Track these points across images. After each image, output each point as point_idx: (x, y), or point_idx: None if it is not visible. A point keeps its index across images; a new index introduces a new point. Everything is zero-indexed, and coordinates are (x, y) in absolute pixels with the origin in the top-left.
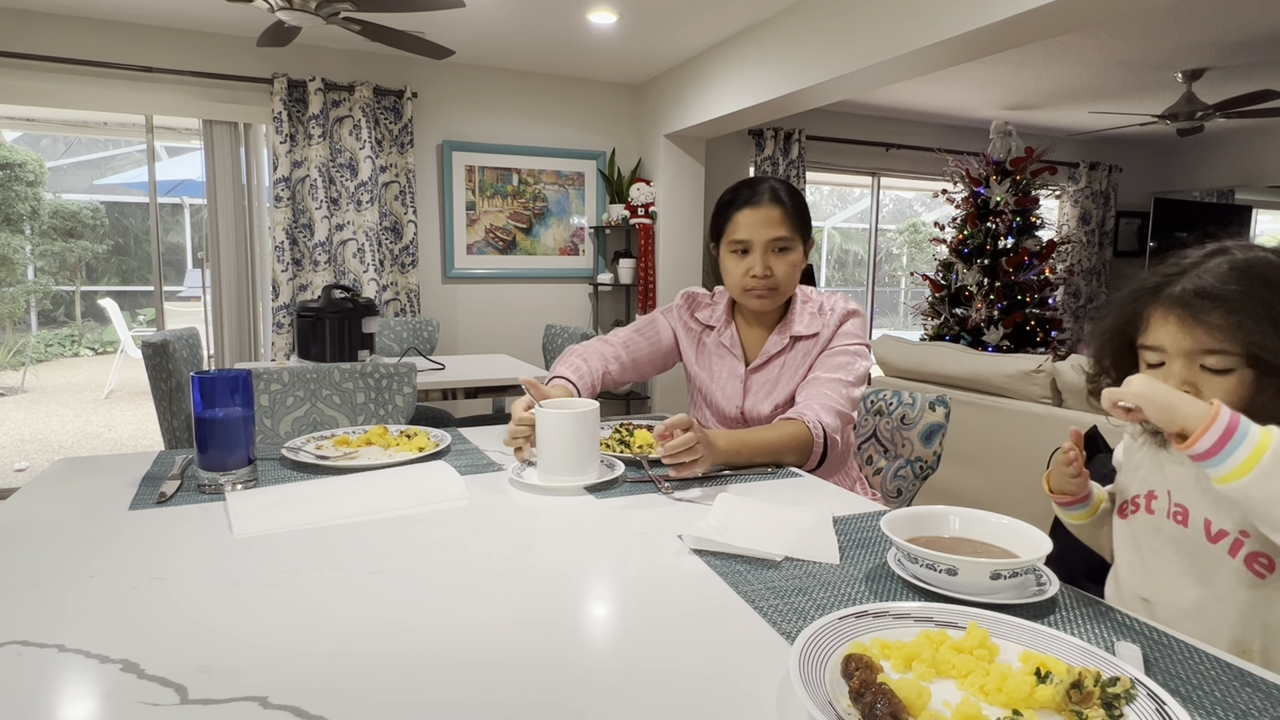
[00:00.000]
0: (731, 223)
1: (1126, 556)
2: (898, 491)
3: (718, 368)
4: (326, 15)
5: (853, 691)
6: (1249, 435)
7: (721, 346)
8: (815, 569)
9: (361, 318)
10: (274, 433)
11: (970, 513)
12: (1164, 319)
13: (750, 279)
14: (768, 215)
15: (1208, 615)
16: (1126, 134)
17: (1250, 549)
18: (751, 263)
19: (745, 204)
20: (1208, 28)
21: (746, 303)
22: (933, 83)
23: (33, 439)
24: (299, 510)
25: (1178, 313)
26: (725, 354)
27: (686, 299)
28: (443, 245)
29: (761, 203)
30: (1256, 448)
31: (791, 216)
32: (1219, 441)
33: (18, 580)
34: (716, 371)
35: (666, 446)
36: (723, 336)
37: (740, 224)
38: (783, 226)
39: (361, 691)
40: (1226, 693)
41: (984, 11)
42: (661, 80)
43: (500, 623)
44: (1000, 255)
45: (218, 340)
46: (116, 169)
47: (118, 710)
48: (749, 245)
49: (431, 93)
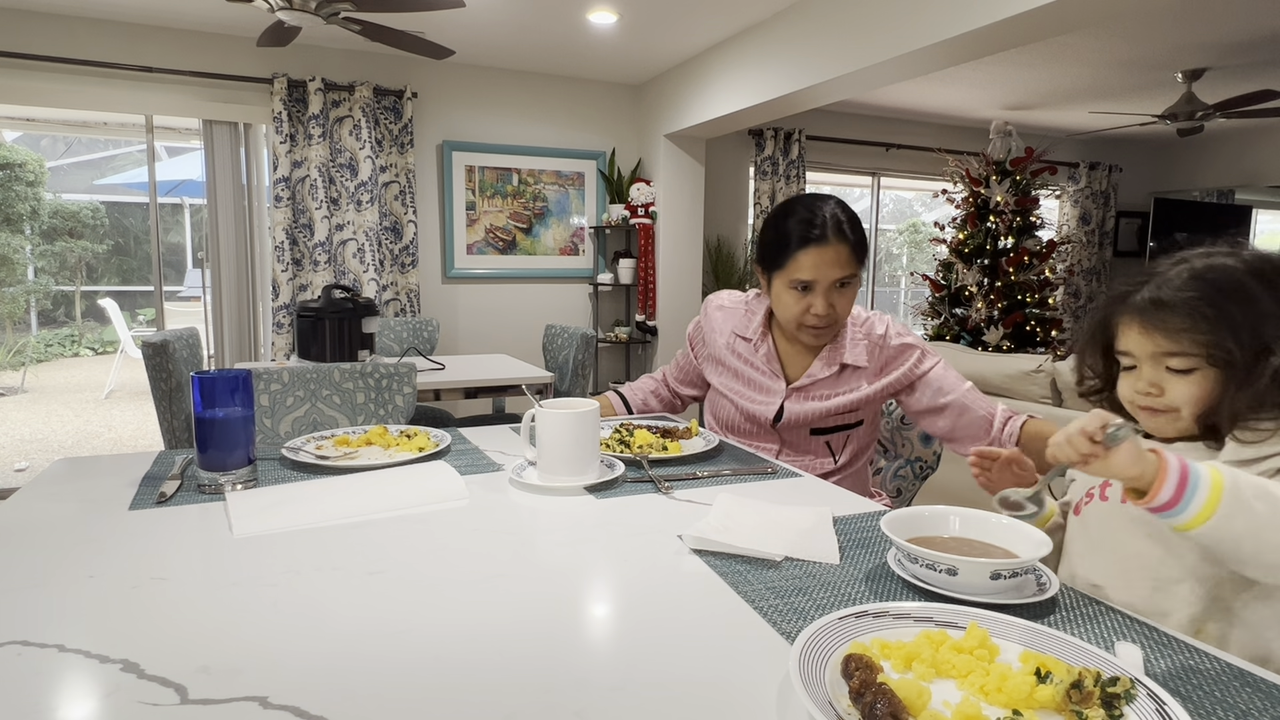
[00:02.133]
0: (794, 261)
1: (1078, 546)
2: (898, 491)
3: (756, 382)
4: (326, 15)
5: (853, 691)
6: (1202, 478)
7: (758, 360)
8: (815, 569)
9: (361, 318)
10: (274, 433)
11: (970, 513)
12: (1129, 326)
13: (811, 316)
14: (836, 255)
15: (1162, 597)
16: (1126, 134)
17: None
18: (813, 300)
19: (810, 243)
20: (1208, 28)
21: (802, 337)
22: (933, 83)
23: (33, 439)
24: (299, 510)
25: (1139, 320)
26: (765, 368)
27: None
28: (443, 245)
29: (828, 241)
30: (1213, 489)
31: (855, 249)
32: (1176, 490)
33: (18, 580)
34: (755, 385)
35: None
36: (759, 351)
37: (804, 264)
38: (850, 265)
39: (361, 691)
40: (1226, 693)
41: (984, 11)
42: (661, 80)
43: (500, 623)
44: (1000, 255)
45: (218, 340)
46: (116, 169)
47: (118, 710)
48: (813, 285)
49: (431, 93)
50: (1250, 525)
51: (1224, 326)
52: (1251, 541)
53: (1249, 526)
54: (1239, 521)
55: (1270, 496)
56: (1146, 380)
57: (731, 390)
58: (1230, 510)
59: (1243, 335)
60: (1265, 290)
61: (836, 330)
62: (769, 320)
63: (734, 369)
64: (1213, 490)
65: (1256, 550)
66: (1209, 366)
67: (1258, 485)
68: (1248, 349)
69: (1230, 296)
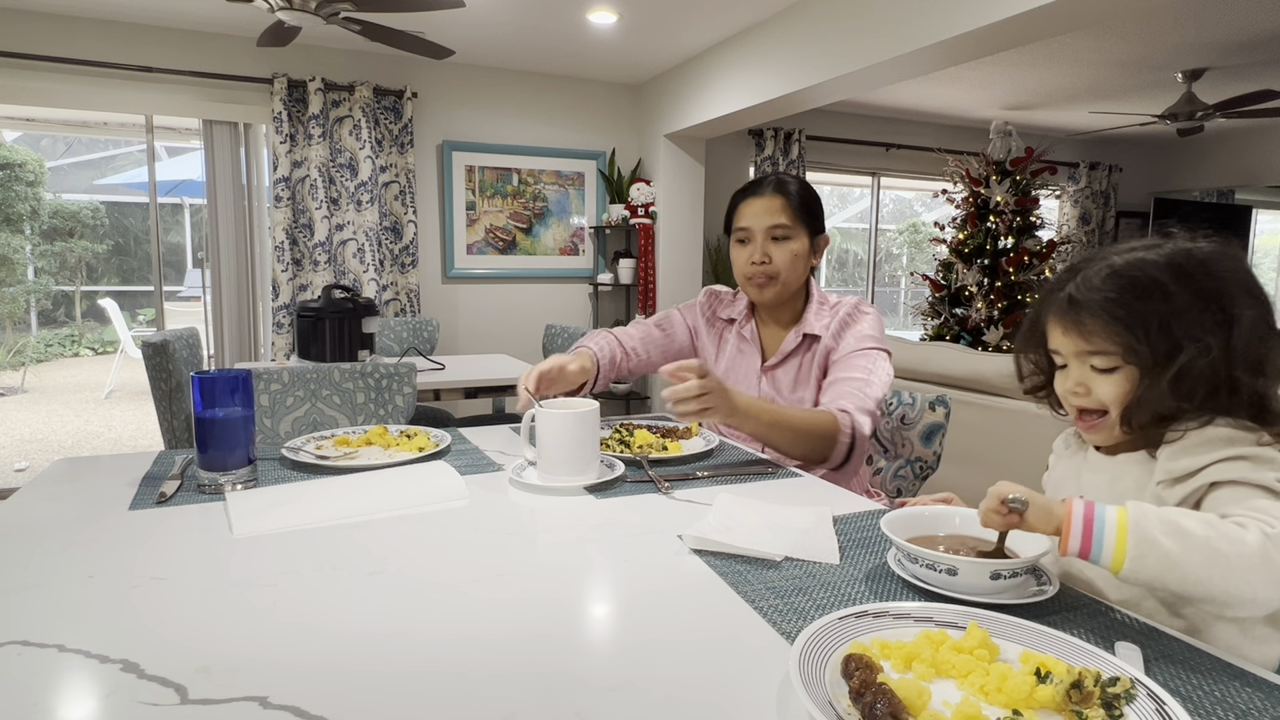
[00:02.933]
0: (736, 213)
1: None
2: (898, 491)
3: (736, 363)
4: (326, 15)
5: (853, 691)
6: (1107, 520)
7: (742, 339)
8: (815, 569)
9: (361, 318)
10: (274, 433)
11: (970, 513)
12: (1054, 325)
13: (750, 266)
14: (768, 204)
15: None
16: (1126, 134)
17: None
18: (751, 250)
19: (749, 194)
20: (1208, 28)
21: (749, 293)
22: (933, 83)
23: (33, 439)
24: (299, 510)
25: (1061, 320)
26: (745, 349)
27: (710, 296)
28: (443, 245)
29: (764, 192)
30: (1118, 530)
31: (794, 206)
32: (1084, 536)
33: (18, 580)
34: (735, 367)
35: (673, 390)
36: (743, 330)
37: (743, 214)
38: (782, 214)
39: (361, 692)
40: (1226, 693)
41: (984, 11)
42: (661, 80)
43: (500, 622)
44: (1000, 255)
45: (218, 340)
46: (116, 169)
47: (118, 710)
48: (750, 234)
49: (431, 93)
50: (1163, 563)
51: (1137, 326)
52: (1173, 577)
53: (1162, 565)
54: (1151, 561)
55: (1180, 532)
56: (1074, 379)
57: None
58: (1139, 551)
59: (1153, 334)
60: (1182, 287)
61: (781, 290)
62: (751, 305)
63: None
64: (1119, 532)
65: (1181, 585)
66: (1127, 365)
67: (1167, 521)
68: (1160, 348)
69: (1143, 295)
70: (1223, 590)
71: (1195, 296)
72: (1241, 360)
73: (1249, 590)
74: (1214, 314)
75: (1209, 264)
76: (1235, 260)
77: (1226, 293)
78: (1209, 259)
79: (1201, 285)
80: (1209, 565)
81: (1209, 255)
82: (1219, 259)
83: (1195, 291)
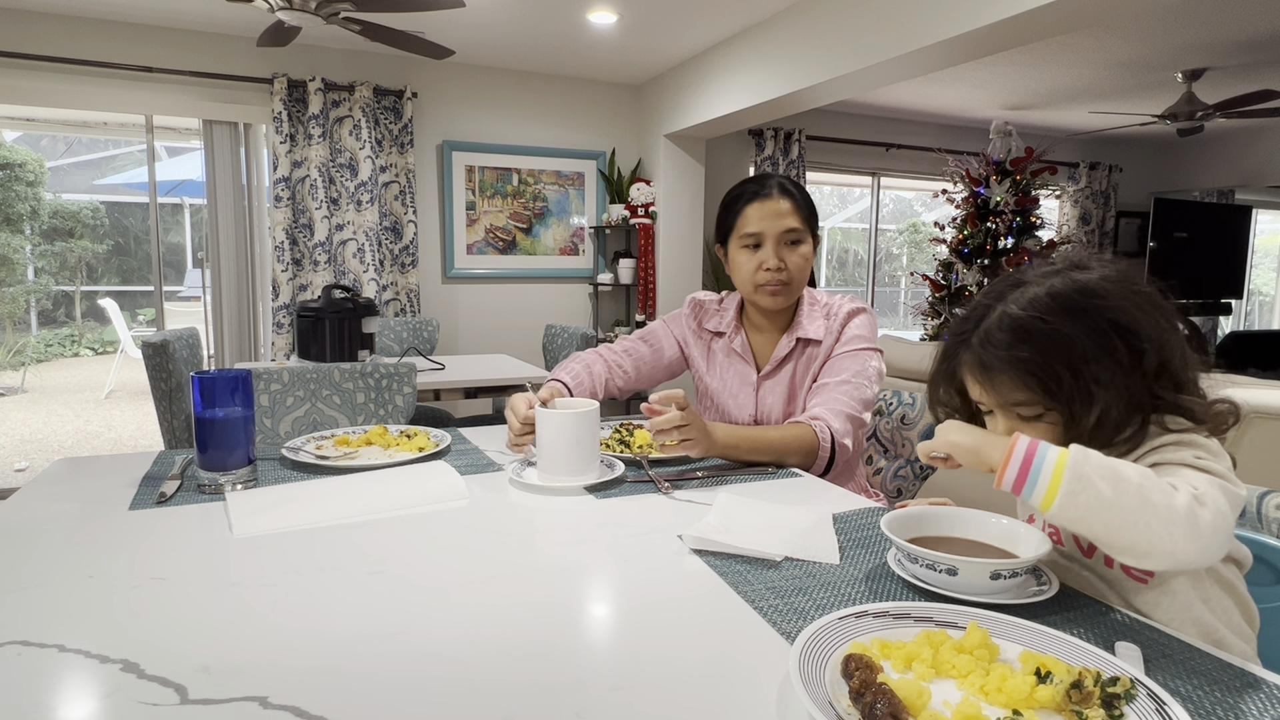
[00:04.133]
0: (741, 217)
1: None
2: (898, 491)
3: (729, 375)
4: (326, 15)
5: (853, 691)
6: (1046, 459)
7: (733, 353)
8: (815, 569)
9: (361, 318)
10: (274, 433)
11: (970, 513)
12: (969, 378)
13: (764, 273)
14: (778, 207)
15: None
16: (1126, 134)
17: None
18: (764, 256)
19: (754, 197)
20: (1208, 28)
21: (760, 300)
22: (933, 83)
23: (33, 439)
24: (299, 510)
25: (974, 375)
26: (736, 361)
27: (694, 307)
28: (443, 245)
29: (771, 195)
30: (1055, 469)
31: (801, 208)
32: (1020, 472)
33: (18, 580)
34: (728, 380)
35: (653, 422)
36: (733, 343)
37: (751, 217)
38: (794, 218)
39: (361, 691)
40: (1226, 693)
41: (984, 11)
42: (661, 80)
43: (500, 622)
44: (1000, 255)
45: (218, 340)
46: (116, 169)
47: (118, 710)
48: (761, 238)
49: (431, 93)
50: (1094, 504)
51: (1049, 379)
52: (1099, 519)
53: (1093, 505)
54: (1082, 500)
55: (1119, 478)
56: (1004, 428)
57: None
58: (1073, 488)
59: (1065, 383)
60: (1077, 328)
61: (793, 294)
62: (740, 313)
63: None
64: (1056, 471)
65: (1105, 530)
66: (1050, 410)
67: (1107, 465)
68: (1075, 396)
69: (1046, 349)
70: (1145, 538)
71: (1094, 335)
72: (1158, 383)
73: (1169, 542)
74: (1115, 348)
75: (1101, 293)
76: (1127, 279)
77: (1123, 321)
78: (1100, 288)
79: (1096, 321)
80: (1138, 511)
81: (1100, 284)
82: (1109, 287)
83: (1092, 330)
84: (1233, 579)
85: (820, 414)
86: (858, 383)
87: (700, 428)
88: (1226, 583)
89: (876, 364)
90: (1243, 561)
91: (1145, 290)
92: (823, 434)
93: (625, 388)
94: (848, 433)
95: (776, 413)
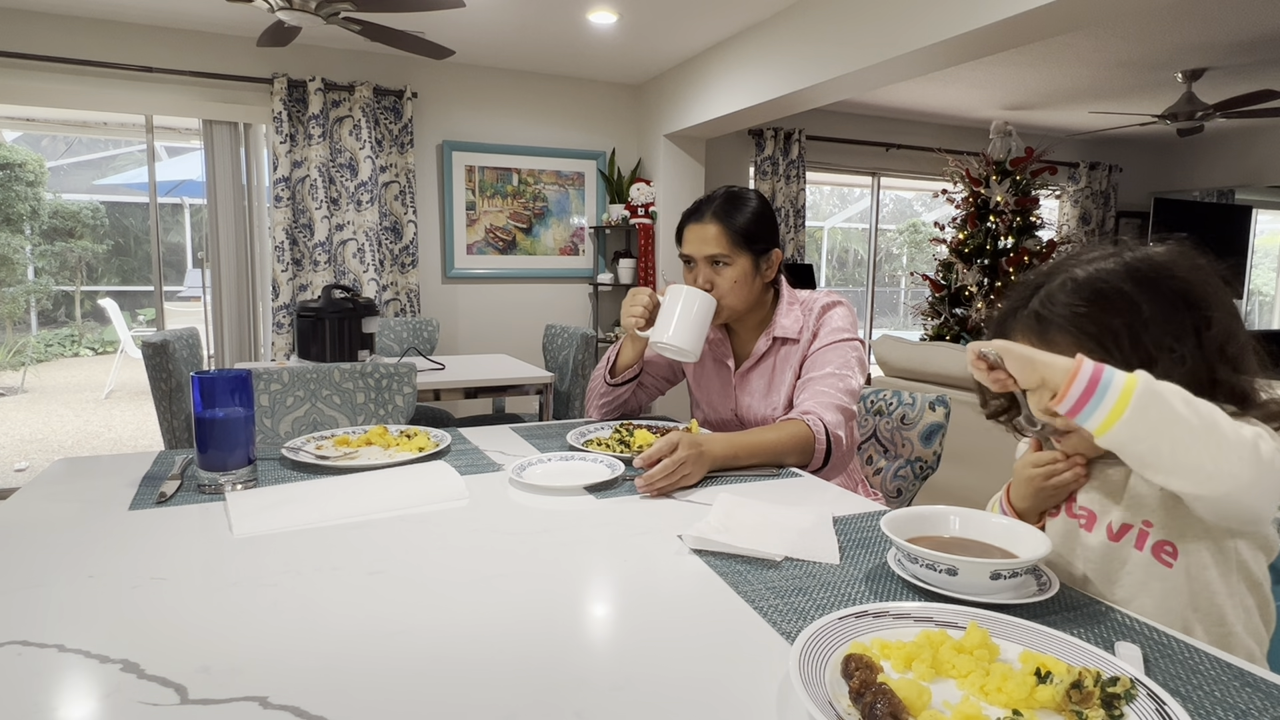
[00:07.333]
0: (683, 237)
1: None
2: (898, 491)
3: (710, 370)
4: (326, 15)
5: (853, 691)
6: (1115, 378)
7: (714, 350)
8: (815, 569)
9: (361, 318)
10: (274, 433)
11: (970, 513)
12: (1023, 339)
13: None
14: (703, 232)
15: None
16: (1126, 134)
17: (1155, 538)
18: (695, 275)
19: (690, 218)
20: (1208, 28)
21: None
22: (933, 83)
23: (33, 439)
24: (299, 510)
25: (1029, 335)
26: (717, 357)
27: None
28: (443, 245)
29: (702, 218)
30: (1126, 386)
31: (730, 233)
32: (1086, 389)
33: (18, 580)
34: (709, 375)
35: (645, 477)
36: (714, 341)
37: (687, 239)
38: (717, 244)
39: (361, 691)
40: (1226, 693)
41: (984, 11)
42: (661, 80)
43: (500, 622)
44: (1000, 255)
45: (218, 340)
46: (116, 169)
47: (118, 710)
48: (692, 259)
49: (431, 93)
50: (1166, 417)
51: (1107, 340)
52: (1165, 435)
53: (1164, 418)
54: (1154, 413)
55: (1189, 399)
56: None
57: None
58: (1145, 402)
59: (1125, 347)
60: (1145, 294)
61: (728, 313)
62: None
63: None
64: (1127, 386)
65: (1173, 447)
66: None
67: (1179, 390)
68: (1133, 361)
69: (1109, 308)
70: (1212, 457)
71: (1161, 303)
72: (1218, 360)
73: (1236, 464)
74: (1182, 319)
75: (1170, 267)
76: (1195, 260)
77: (1193, 295)
78: (1169, 262)
79: (1165, 290)
80: (1208, 432)
81: (1168, 258)
82: (1179, 261)
83: (1160, 298)
84: (1260, 576)
85: (811, 408)
86: (842, 374)
87: (694, 458)
88: (1253, 580)
89: (858, 354)
90: (1270, 548)
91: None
92: (816, 427)
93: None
94: (840, 424)
95: (759, 406)
